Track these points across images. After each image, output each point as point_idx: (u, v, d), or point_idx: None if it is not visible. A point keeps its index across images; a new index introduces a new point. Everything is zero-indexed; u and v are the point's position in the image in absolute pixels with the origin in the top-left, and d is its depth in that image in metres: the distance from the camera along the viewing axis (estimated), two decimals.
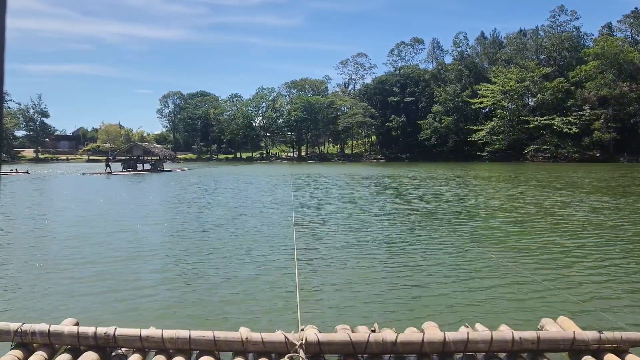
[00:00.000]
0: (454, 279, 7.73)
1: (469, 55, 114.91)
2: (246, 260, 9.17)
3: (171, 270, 8.53)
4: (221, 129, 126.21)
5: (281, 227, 13.21)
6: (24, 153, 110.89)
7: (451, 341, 4.23)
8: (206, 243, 11.04)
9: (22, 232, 12.70)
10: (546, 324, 4.80)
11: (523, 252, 9.83)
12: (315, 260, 9.16)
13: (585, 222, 14.04)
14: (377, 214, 16.15)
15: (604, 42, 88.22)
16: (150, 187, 31.48)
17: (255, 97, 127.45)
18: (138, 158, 57.35)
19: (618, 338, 4.24)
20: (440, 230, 12.61)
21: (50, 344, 4.42)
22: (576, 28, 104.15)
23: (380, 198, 22.12)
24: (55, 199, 23.10)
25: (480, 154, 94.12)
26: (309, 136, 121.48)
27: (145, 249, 10.38)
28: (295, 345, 4.16)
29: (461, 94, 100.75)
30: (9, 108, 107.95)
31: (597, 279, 7.73)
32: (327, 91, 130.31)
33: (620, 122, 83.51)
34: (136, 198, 23.65)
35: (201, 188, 28.90)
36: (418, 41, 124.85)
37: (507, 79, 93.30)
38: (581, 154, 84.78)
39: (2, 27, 0.95)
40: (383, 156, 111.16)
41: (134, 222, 14.60)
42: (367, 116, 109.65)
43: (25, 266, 8.83)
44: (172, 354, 4.35)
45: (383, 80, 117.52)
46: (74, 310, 6.06)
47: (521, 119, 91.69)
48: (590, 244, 10.81)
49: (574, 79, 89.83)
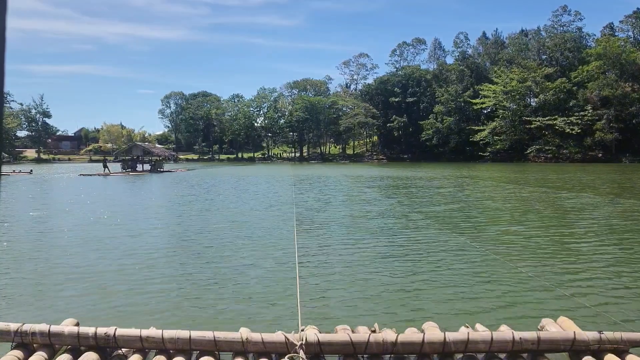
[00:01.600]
0: (455, 279, 7.72)
1: (471, 55, 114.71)
2: (247, 261, 9.17)
3: (171, 270, 8.54)
4: (223, 129, 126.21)
5: (282, 228, 13.21)
6: (26, 153, 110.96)
7: (451, 341, 4.23)
8: (206, 244, 11.05)
9: (22, 234, 12.71)
10: (546, 324, 4.80)
11: (524, 252, 9.81)
12: (316, 260, 9.16)
13: (596, 224, 14.02)
14: (381, 216, 16.13)
15: (606, 42, 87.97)
16: (147, 189, 31.47)
17: (257, 98, 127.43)
18: (137, 158, 56.31)
19: (618, 338, 4.23)
20: (441, 230, 12.60)
21: (51, 344, 4.43)
22: (578, 28, 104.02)
23: (389, 201, 22.04)
24: (51, 201, 23.13)
25: (482, 154, 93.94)
26: (310, 136, 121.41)
27: (145, 250, 10.40)
28: (295, 346, 4.17)
29: (463, 94, 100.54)
30: (11, 108, 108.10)
31: (598, 280, 7.72)
32: (328, 91, 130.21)
33: (623, 123, 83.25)
34: (130, 201, 23.67)
35: (201, 191, 28.89)
36: (420, 41, 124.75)
37: (509, 79, 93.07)
38: (583, 154, 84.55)
39: (2, 27, 0.95)
40: (385, 156, 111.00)
41: (133, 223, 14.62)
42: (368, 116, 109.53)
43: (26, 267, 8.84)
44: (172, 355, 4.35)
45: (385, 81, 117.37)
46: (74, 311, 6.07)
47: (523, 119, 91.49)
48: (598, 246, 10.78)
49: (576, 79, 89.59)
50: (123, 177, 43.52)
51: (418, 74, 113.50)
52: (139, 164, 55.47)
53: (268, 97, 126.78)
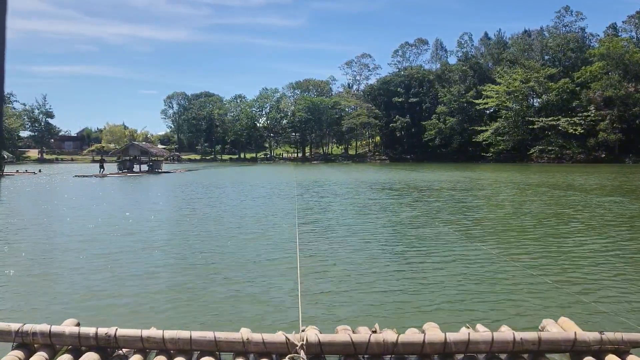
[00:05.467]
0: (455, 279, 7.71)
1: (474, 55, 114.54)
2: (248, 261, 9.18)
3: (172, 271, 8.55)
4: (225, 129, 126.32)
5: (283, 229, 13.22)
6: (29, 153, 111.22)
7: (452, 342, 4.22)
8: (207, 244, 11.06)
9: (22, 235, 12.74)
10: (547, 325, 4.79)
11: (524, 252, 9.79)
12: (317, 260, 9.16)
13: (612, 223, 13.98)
14: (381, 216, 16.12)
15: (609, 42, 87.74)
16: (140, 192, 31.49)
17: (259, 98, 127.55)
18: (135, 158, 54.00)
19: (619, 339, 4.22)
20: (442, 230, 12.58)
21: (51, 345, 4.44)
22: (581, 29, 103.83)
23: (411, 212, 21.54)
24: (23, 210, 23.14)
25: (484, 154, 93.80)
26: (313, 137, 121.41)
27: (146, 251, 10.41)
28: (296, 346, 4.17)
29: (466, 94, 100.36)
30: (14, 109, 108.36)
31: (599, 280, 7.69)
32: (331, 92, 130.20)
33: (626, 123, 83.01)
34: (123, 205, 23.65)
35: (194, 198, 28.85)
36: (422, 42, 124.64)
37: (512, 79, 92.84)
38: (586, 155, 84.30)
39: (3, 27, 0.94)
40: (387, 157, 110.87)
41: (132, 225, 14.64)
42: (371, 117, 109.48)
43: (26, 267, 8.86)
44: (173, 355, 4.36)
45: (387, 81, 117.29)
46: (75, 311, 6.08)
47: (526, 120, 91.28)
48: (605, 247, 10.76)
49: (579, 79, 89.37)
50: (119, 179, 41.75)
51: (420, 74, 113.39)
52: (136, 164, 53.38)
53: (270, 98, 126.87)
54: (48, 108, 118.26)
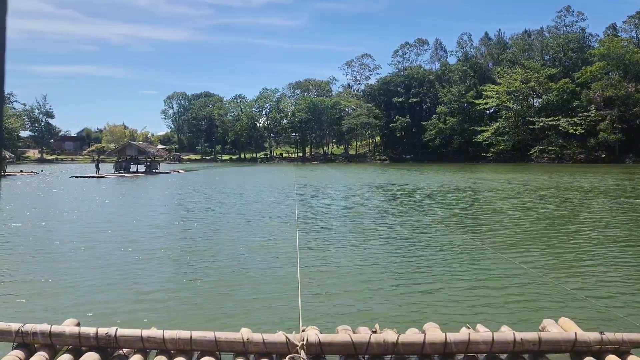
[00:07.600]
0: (456, 280, 7.71)
1: (474, 56, 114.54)
2: (248, 262, 9.18)
3: (172, 271, 8.55)
4: (225, 129, 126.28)
5: (284, 230, 13.21)
6: (29, 154, 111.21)
7: (452, 342, 4.22)
8: (207, 245, 11.05)
9: (23, 236, 12.74)
10: (547, 325, 4.78)
11: (525, 252, 9.79)
12: (317, 261, 9.15)
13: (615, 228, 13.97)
14: (381, 216, 16.12)
15: (609, 42, 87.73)
16: (136, 195, 31.45)
17: (260, 98, 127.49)
18: (131, 159, 52.88)
19: (620, 339, 4.21)
20: (442, 229, 12.58)
21: (52, 345, 4.43)
22: (582, 29, 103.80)
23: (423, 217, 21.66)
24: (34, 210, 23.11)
25: (485, 154, 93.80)
26: (313, 137, 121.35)
27: (146, 251, 10.41)
28: (296, 346, 4.16)
29: (466, 94, 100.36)
30: (14, 109, 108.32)
31: (600, 281, 7.69)
32: (331, 92, 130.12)
33: (626, 123, 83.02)
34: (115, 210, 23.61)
35: (188, 205, 28.77)
36: (422, 42, 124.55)
37: (512, 79, 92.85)
38: (586, 155, 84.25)
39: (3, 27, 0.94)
40: (387, 157, 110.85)
41: (131, 226, 14.64)
42: (371, 117, 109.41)
43: (27, 267, 8.86)
44: (173, 355, 4.35)
45: (387, 81, 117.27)
46: (75, 311, 6.08)
47: (526, 120, 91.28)
48: (605, 247, 10.75)
49: (579, 79, 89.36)
50: (115, 179, 41.05)
51: (421, 75, 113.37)
52: (133, 164, 52.26)
53: (270, 98, 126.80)
54: (48, 108, 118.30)
